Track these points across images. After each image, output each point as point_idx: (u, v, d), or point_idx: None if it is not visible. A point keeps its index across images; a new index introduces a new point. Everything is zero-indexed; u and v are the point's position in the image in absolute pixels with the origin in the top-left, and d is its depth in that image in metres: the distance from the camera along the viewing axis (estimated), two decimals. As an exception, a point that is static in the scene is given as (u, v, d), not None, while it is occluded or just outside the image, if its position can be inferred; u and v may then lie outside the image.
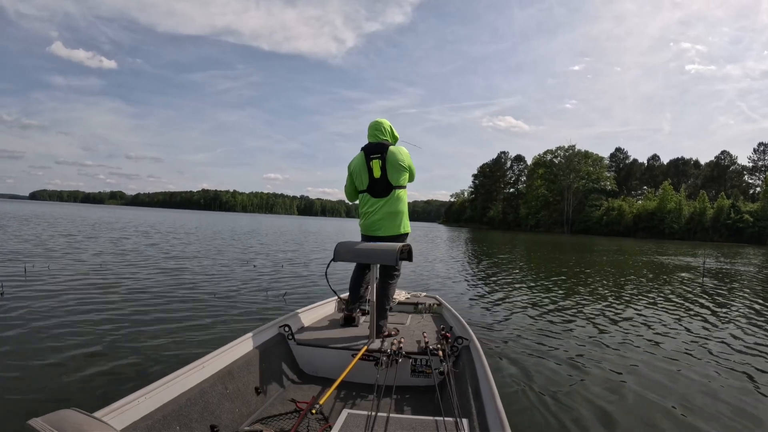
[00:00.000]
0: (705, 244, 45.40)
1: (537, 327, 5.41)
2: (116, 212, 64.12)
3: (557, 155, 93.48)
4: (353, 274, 3.53)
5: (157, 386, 1.84)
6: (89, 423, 1.25)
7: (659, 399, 3.24)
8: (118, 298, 5.91)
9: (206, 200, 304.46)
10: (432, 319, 3.83)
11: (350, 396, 2.56)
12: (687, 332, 5.46)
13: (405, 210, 3.39)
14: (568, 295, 8.11)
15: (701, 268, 14.71)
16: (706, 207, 67.85)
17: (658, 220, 71.06)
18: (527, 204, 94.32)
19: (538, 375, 3.67)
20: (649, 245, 37.59)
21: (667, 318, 6.29)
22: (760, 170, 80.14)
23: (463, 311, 5.60)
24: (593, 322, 5.82)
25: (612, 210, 79.62)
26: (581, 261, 16.78)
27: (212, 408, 2.04)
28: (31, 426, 1.15)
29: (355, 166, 3.34)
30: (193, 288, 6.97)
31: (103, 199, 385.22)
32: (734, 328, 5.82)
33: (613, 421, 2.85)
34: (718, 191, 75.84)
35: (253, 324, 4.48)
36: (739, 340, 5.17)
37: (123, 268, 8.67)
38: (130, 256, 10.92)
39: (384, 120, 3.40)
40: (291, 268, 10.28)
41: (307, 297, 6.49)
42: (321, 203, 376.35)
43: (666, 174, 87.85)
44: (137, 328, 4.48)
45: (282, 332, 2.96)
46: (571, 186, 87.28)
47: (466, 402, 2.18)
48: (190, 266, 9.59)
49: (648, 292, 8.98)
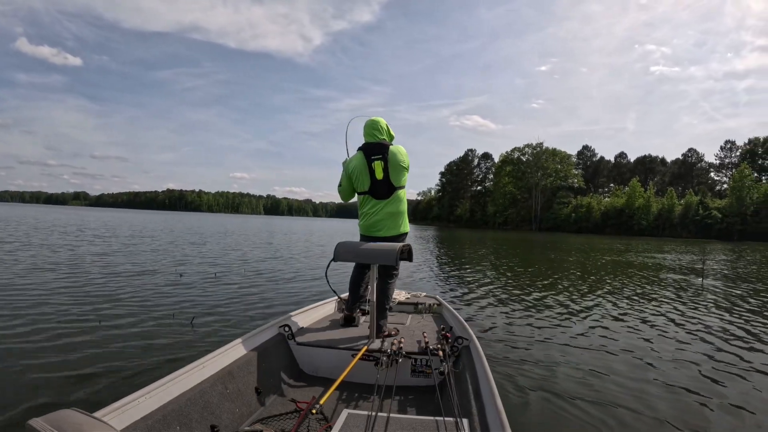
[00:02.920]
0: (674, 240, 46.33)
1: (537, 327, 5.42)
2: (74, 213, 60.59)
3: (525, 153, 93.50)
4: (353, 274, 3.50)
5: (157, 386, 1.85)
6: (89, 423, 1.23)
7: (660, 399, 3.28)
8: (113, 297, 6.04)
9: (171, 200, 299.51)
10: (432, 319, 3.81)
11: (350, 396, 2.57)
12: (686, 332, 5.46)
13: (405, 210, 3.37)
14: (567, 295, 8.05)
15: (702, 268, 13.70)
16: (674, 203, 68.17)
17: (626, 216, 71.42)
18: (495, 202, 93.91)
19: (539, 375, 3.70)
20: (633, 243, 36.78)
21: (665, 318, 6.24)
22: (726, 167, 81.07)
23: (464, 311, 6.13)
24: (593, 322, 5.85)
25: (580, 207, 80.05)
26: (568, 260, 16.48)
27: (212, 408, 2.05)
28: (31, 426, 1.14)
29: (355, 167, 3.27)
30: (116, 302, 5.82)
31: (67, 199, 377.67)
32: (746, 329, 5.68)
33: (613, 421, 2.88)
34: (685, 188, 77.17)
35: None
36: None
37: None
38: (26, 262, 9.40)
39: (380, 119, 3.35)
40: (228, 278, 8.59)
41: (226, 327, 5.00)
42: (288, 203, 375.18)
43: (633, 171, 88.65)
44: (137, 328, 4.57)
45: (282, 332, 2.96)
46: (539, 183, 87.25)
47: (466, 402, 2.18)
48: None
49: (646, 292, 8.82)
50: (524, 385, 3.41)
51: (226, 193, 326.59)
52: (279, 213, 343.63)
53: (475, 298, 7.42)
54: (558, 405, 3.08)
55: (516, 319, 5.86)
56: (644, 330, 5.47)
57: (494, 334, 5.01)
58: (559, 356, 4.25)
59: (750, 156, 71.78)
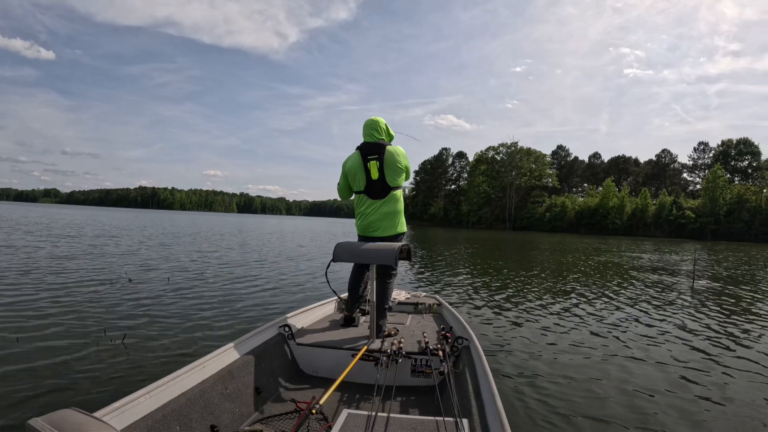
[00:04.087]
0: (649, 240, 46.65)
1: (537, 327, 5.43)
2: (43, 211, 56.97)
3: (499, 152, 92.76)
4: (351, 274, 3.51)
5: (157, 386, 1.85)
6: (89, 423, 1.23)
7: (661, 398, 3.30)
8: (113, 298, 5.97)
9: (143, 198, 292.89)
10: (432, 319, 3.81)
11: (350, 396, 2.57)
12: (688, 332, 5.45)
13: (401, 209, 3.38)
14: (566, 295, 8.01)
15: (692, 270, 13.12)
16: (648, 203, 68.83)
17: (600, 216, 71.82)
18: (469, 201, 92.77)
19: (539, 375, 3.70)
20: (618, 243, 36.63)
21: (664, 318, 6.27)
22: (699, 168, 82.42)
23: (463, 311, 6.13)
24: (593, 321, 5.87)
25: (555, 207, 79.98)
26: (560, 260, 16.01)
27: (212, 408, 2.05)
28: (31, 426, 1.13)
29: (351, 166, 3.29)
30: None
31: (37, 197, 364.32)
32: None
33: (614, 420, 2.89)
34: (659, 188, 78.18)
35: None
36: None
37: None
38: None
39: (380, 118, 3.36)
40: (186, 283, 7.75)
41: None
42: (261, 201, 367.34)
43: (607, 171, 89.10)
44: (136, 329, 4.54)
45: (282, 332, 2.96)
46: (514, 183, 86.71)
47: (466, 402, 2.17)
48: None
49: (646, 293, 8.73)
50: (524, 385, 3.45)
51: (199, 190, 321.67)
52: (252, 211, 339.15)
53: (465, 301, 7.20)
54: (558, 405, 3.10)
55: (516, 318, 5.87)
56: (644, 330, 5.50)
57: (494, 334, 5.02)
58: (560, 356, 4.25)
59: (723, 157, 73.25)
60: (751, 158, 71.76)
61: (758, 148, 71.39)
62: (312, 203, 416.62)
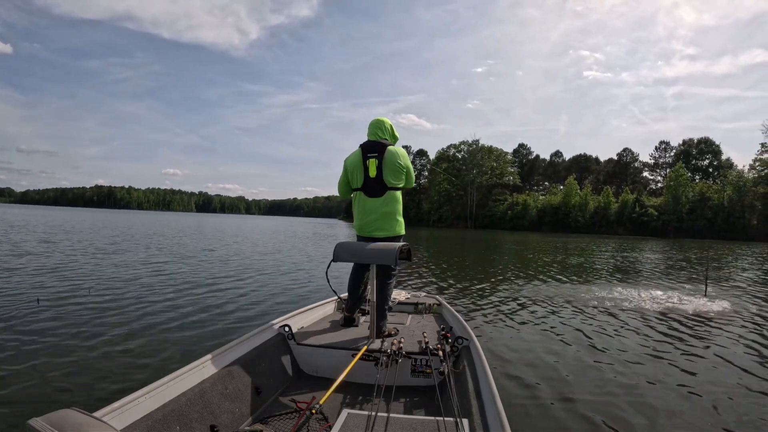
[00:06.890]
0: (611, 237, 46.70)
1: (537, 327, 5.35)
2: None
3: (461, 150, 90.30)
4: (351, 274, 3.50)
5: (157, 386, 1.86)
6: (89, 423, 1.22)
7: (661, 398, 3.24)
8: (113, 300, 5.85)
9: (100, 197, 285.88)
10: (432, 319, 3.81)
11: (350, 396, 2.57)
12: (688, 332, 5.34)
13: (400, 210, 3.35)
14: (565, 295, 7.83)
15: (705, 273, 11.09)
16: (611, 201, 68.29)
17: (563, 214, 70.81)
18: (430, 199, 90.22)
19: (539, 375, 3.66)
20: (586, 241, 37.89)
21: (665, 319, 6.05)
22: (661, 167, 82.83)
23: (463, 311, 5.95)
24: (593, 322, 5.70)
25: (516, 205, 78.75)
26: (545, 260, 15.34)
27: (212, 408, 2.05)
28: (31, 426, 1.13)
29: (351, 162, 3.31)
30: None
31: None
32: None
33: (614, 420, 2.85)
34: (620, 186, 77.85)
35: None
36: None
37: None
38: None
39: (385, 119, 3.39)
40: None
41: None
42: (220, 200, 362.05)
43: (569, 170, 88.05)
44: (136, 329, 4.49)
45: (282, 332, 2.95)
46: (475, 181, 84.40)
47: (466, 402, 2.17)
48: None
49: (647, 292, 8.39)
50: (524, 385, 3.40)
51: (157, 189, 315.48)
52: (211, 210, 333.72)
53: (471, 298, 7.18)
54: (558, 405, 3.07)
55: (516, 318, 5.79)
56: (645, 330, 5.34)
57: (494, 334, 4.96)
58: (560, 356, 4.19)
59: (684, 156, 73.73)
60: (712, 157, 72.63)
61: (719, 148, 72.50)
62: (271, 202, 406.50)
